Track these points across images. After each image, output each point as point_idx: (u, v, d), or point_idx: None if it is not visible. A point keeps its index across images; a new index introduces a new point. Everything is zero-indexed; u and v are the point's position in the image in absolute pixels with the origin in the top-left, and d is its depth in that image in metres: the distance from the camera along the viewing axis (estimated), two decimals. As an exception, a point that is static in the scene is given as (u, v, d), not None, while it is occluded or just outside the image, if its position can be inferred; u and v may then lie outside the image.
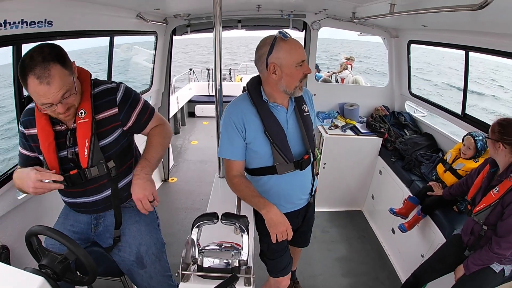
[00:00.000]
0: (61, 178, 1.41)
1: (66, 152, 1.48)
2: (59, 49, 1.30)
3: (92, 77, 1.54)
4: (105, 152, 1.51)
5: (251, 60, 1.74)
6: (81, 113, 1.44)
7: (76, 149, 1.47)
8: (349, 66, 7.09)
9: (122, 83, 1.61)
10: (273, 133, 1.58)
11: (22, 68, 1.23)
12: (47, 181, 1.38)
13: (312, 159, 1.77)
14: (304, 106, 1.71)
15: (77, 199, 1.58)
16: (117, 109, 1.52)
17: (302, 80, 1.55)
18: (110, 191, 1.58)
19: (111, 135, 1.53)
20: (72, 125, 1.47)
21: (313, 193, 1.88)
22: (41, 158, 1.49)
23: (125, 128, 1.58)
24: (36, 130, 1.45)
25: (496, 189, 1.75)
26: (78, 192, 1.56)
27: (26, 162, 1.56)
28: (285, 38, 1.46)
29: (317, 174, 2.03)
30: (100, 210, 1.63)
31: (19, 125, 1.52)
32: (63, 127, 1.48)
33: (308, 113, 1.72)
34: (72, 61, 1.35)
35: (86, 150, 1.45)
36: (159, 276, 1.69)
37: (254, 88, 1.63)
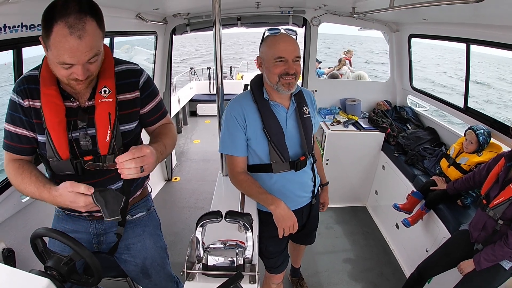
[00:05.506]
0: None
1: (78, 134, 1.26)
2: (97, 5, 1.09)
3: None
4: (124, 139, 1.33)
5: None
6: (104, 91, 1.25)
7: (90, 131, 1.27)
8: (347, 61, 7.09)
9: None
10: (271, 131, 1.59)
11: (52, 12, 1.00)
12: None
13: (312, 161, 1.78)
14: (305, 108, 1.71)
15: None
16: (138, 93, 1.36)
17: (283, 77, 1.52)
18: (118, 185, 1.40)
19: (131, 123, 1.37)
20: (86, 103, 1.26)
21: (315, 192, 1.88)
22: (41, 139, 1.24)
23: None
24: (39, 103, 1.21)
25: None
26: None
27: (21, 144, 1.26)
28: (271, 34, 1.51)
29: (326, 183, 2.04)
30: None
31: (14, 94, 1.23)
32: (74, 104, 1.25)
33: (308, 115, 1.72)
34: None
35: (108, 134, 1.26)
36: (164, 282, 1.69)
37: (257, 86, 1.65)
